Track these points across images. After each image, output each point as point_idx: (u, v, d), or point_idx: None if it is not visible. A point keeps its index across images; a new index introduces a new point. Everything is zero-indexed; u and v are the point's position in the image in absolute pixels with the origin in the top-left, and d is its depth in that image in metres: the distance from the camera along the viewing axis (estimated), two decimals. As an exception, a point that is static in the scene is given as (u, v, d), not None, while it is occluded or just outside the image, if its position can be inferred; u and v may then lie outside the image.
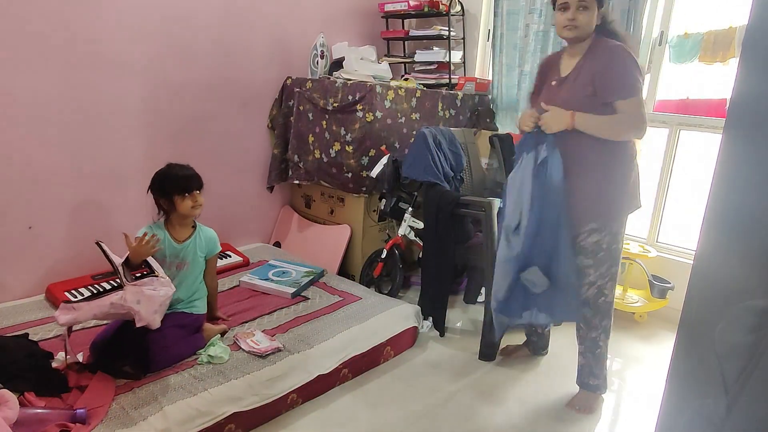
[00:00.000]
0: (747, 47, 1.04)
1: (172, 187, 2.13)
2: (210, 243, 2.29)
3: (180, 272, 2.19)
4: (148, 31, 2.77)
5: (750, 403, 1.02)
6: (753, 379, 1.01)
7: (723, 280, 1.10)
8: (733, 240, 1.08)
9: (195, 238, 2.23)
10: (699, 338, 1.15)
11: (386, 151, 3.04)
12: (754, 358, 1.00)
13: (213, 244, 2.31)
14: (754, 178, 1.03)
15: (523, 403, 2.29)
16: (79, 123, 2.61)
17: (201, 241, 2.25)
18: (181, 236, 2.21)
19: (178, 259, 2.19)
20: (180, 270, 2.20)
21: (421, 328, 2.73)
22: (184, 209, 2.14)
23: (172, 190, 2.13)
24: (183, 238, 2.21)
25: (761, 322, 1.01)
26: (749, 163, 1.04)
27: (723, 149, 1.08)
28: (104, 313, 1.84)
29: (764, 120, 1.02)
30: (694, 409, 1.15)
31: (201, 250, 2.25)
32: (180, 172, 2.17)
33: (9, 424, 1.53)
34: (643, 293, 3.14)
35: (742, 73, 1.04)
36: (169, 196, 2.13)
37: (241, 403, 1.94)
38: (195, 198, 2.17)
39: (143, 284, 1.88)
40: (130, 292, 1.83)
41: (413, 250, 3.36)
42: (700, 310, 1.16)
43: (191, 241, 2.22)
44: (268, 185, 3.55)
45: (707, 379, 1.11)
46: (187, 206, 2.14)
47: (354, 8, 3.76)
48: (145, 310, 1.84)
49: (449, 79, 3.61)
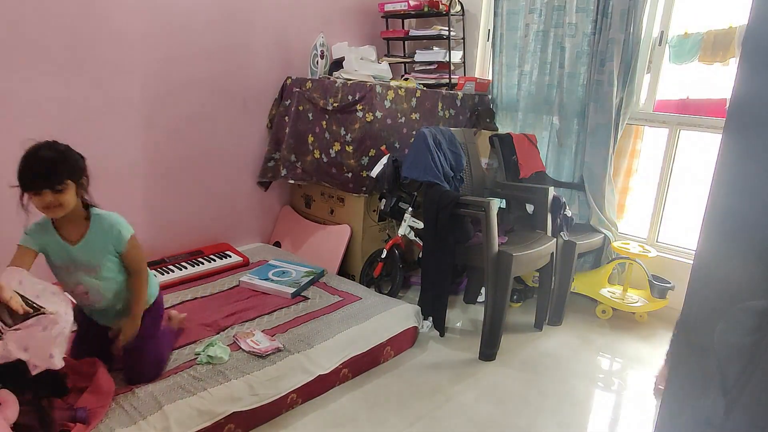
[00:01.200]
0: (747, 47, 1.04)
1: (20, 178, 1.62)
2: (115, 234, 1.77)
3: (93, 278, 1.78)
4: (148, 31, 2.77)
5: (749, 404, 1.02)
6: (753, 380, 1.01)
7: (723, 280, 1.10)
8: (733, 240, 1.08)
9: (90, 234, 1.74)
10: (699, 338, 1.15)
11: (386, 151, 3.04)
12: (754, 359, 1.00)
13: (119, 232, 1.77)
14: (754, 177, 1.03)
15: (523, 403, 2.29)
16: (79, 123, 2.61)
17: (99, 236, 1.75)
18: (73, 235, 1.73)
19: (83, 264, 1.75)
20: (92, 275, 1.77)
21: (421, 328, 2.73)
22: (38, 208, 1.65)
23: (20, 182, 1.62)
24: (76, 238, 1.73)
25: (761, 323, 1.01)
26: (749, 163, 1.04)
27: (723, 149, 1.08)
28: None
29: (764, 120, 1.01)
30: (694, 409, 1.15)
31: (105, 246, 1.76)
32: (30, 162, 1.61)
33: (9, 424, 1.53)
34: (643, 293, 3.14)
35: (741, 73, 1.04)
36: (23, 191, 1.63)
37: (241, 403, 1.94)
38: (43, 198, 1.62)
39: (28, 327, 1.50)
40: (13, 340, 1.48)
41: (413, 250, 3.36)
42: (700, 310, 1.16)
43: (90, 239, 1.74)
44: (257, 181, 3.53)
45: (707, 380, 1.11)
46: (38, 207, 1.64)
47: (354, 8, 3.76)
48: (38, 356, 1.50)
49: (449, 79, 3.61)
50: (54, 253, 1.74)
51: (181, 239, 3.15)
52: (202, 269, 2.95)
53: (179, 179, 3.07)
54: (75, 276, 1.78)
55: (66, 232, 1.74)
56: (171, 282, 2.78)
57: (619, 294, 3.14)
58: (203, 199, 3.24)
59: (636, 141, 3.35)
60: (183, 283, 2.80)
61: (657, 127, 3.21)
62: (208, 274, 2.93)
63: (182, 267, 2.93)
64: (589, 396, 2.39)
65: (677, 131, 3.13)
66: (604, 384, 2.52)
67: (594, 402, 2.37)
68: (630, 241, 3.19)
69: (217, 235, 3.35)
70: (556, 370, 2.54)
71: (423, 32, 3.66)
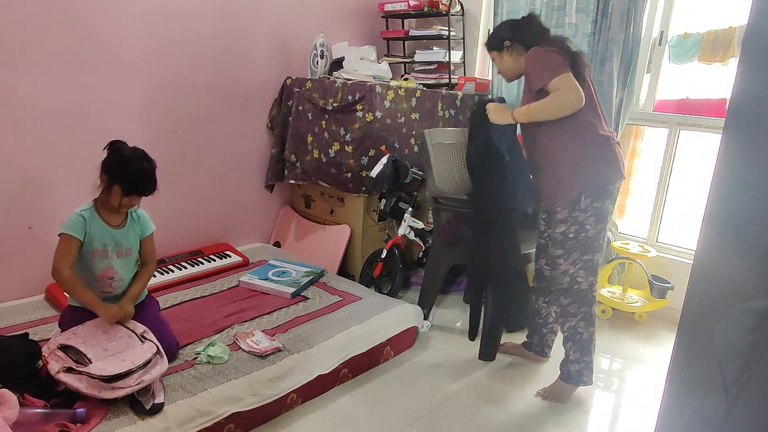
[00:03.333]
0: (747, 47, 1.04)
1: (122, 177, 1.90)
2: (145, 223, 2.12)
3: (121, 259, 2.03)
4: (149, 31, 2.77)
5: (750, 404, 1.02)
6: (753, 380, 1.01)
7: (723, 280, 1.10)
8: (733, 240, 1.08)
9: (132, 221, 2.07)
10: (699, 338, 1.15)
11: (386, 151, 3.04)
12: (754, 358, 1.00)
13: (147, 223, 2.13)
14: (754, 177, 1.03)
15: (523, 403, 2.29)
16: (79, 123, 2.61)
17: (137, 223, 2.08)
18: (116, 221, 2.02)
19: (121, 247, 2.02)
20: (121, 257, 2.03)
21: (421, 327, 2.73)
22: (115, 203, 1.93)
23: (119, 179, 1.90)
24: (118, 223, 2.02)
25: (761, 323, 1.01)
26: (749, 162, 1.04)
27: (722, 149, 1.08)
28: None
29: (764, 120, 1.01)
30: (694, 409, 1.15)
31: (137, 232, 2.08)
32: (141, 166, 1.93)
33: (9, 424, 1.53)
34: (643, 293, 3.14)
35: (741, 73, 1.04)
36: (112, 182, 1.91)
37: (241, 403, 1.94)
38: (133, 200, 1.96)
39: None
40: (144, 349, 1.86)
41: (413, 250, 3.36)
42: (700, 310, 1.16)
43: (129, 226, 2.05)
44: (266, 184, 3.55)
45: (707, 380, 1.11)
46: (119, 203, 1.93)
47: (354, 8, 3.76)
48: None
49: (449, 79, 3.60)
50: (98, 237, 1.97)
51: (181, 239, 3.15)
52: (202, 269, 2.95)
53: (179, 179, 3.07)
54: (108, 260, 2.00)
55: (110, 219, 2.01)
56: (171, 282, 2.78)
57: (618, 294, 3.14)
58: (203, 199, 3.24)
59: (636, 141, 3.35)
60: (183, 283, 2.81)
61: (657, 127, 3.21)
62: (208, 274, 2.93)
63: (182, 267, 2.93)
64: (588, 396, 2.39)
65: (677, 131, 3.13)
66: (604, 384, 2.52)
67: (594, 402, 2.37)
68: (630, 241, 3.19)
69: (216, 235, 3.35)
70: (556, 370, 2.54)
71: (423, 32, 3.65)
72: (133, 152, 1.95)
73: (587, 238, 2.17)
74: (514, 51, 2.28)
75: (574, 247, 2.19)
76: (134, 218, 2.09)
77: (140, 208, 2.12)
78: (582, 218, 2.16)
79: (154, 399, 1.80)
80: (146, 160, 1.96)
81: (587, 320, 2.25)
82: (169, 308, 2.51)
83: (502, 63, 2.34)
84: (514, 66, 2.31)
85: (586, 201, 2.14)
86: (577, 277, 2.21)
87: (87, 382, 1.73)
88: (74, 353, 1.79)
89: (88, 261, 1.98)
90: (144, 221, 2.12)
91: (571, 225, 2.17)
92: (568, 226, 2.18)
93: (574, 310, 2.25)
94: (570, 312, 2.26)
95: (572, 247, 2.19)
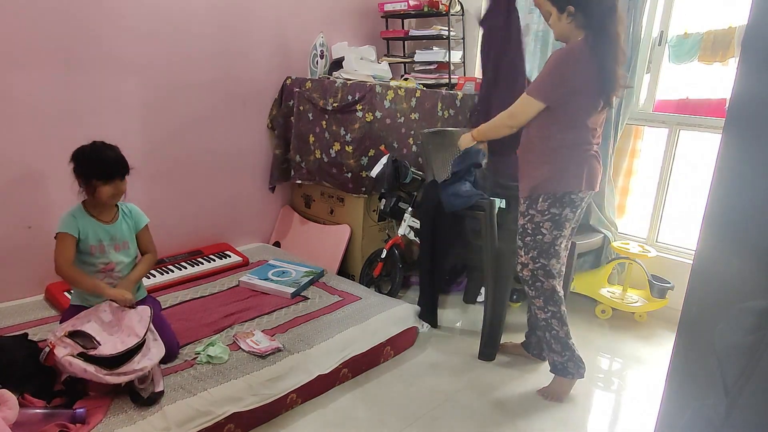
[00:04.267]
0: (746, 47, 1.04)
1: (93, 170, 1.95)
2: (137, 216, 2.17)
3: (119, 253, 2.08)
4: (149, 31, 2.77)
5: (750, 404, 1.02)
6: (753, 379, 1.01)
7: (723, 280, 1.10)
8: (733, 240, 1.08)
9: (123, 215, 2.11)
10: (699, 338, 1.15)
11: (386, 151, 3.04)
12: (754, 358, 1.00)
13: (140, 215, 2.18)
14: (754, 177, 1.03)
15: (523, 403, 2.29)
16: (79, 123, 2.60)
17: (129, 217, 2.13)
18: (107, 217, 2.07)
19: (116, 241, 2.07)
20: (119, 251, 2.08)
21: (421, 327, 2.73)
22: (104, 196, 1.97)
23: (92, 174, 1.95)
24: (109, 219, 2.07)
25: (761, 323, 1.01)
26: (749, 162, 1.04)
27: (722, 149, 1.08)
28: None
29: (764, 120, 1.01)
30: (694, 409, 1.15)
31: (130, 225, 2.13)
32: (104, 154, 1.98)
33: (9, 424, 1.53)
34: (643, 293, 3.14)
35: (741, 73, 1.04)
36: (89, 180, 1.96)
37: (241, 403, 1.94)
38: (117, 186, 1.99)
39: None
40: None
41: (413, 250, 3.36)
42: (700, 310, 1.16)
43: (121, 220, 2.10)
44: (270, 185, 3.55)
45: (707, 380, 1.11)
46: (107, 194, 1.97)
47: (354, 8, 3.76)
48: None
49: (449, 79, 3.60)
50: (92, 234, 2.01)
51: (181, 239, 3.15)
52: (202, 269, 2.95)
53: (179, 179, 3.07)
54: (106, 254, 2.04)
55: (100, 215, 2.05)
56: (171, 282, 2.78)
57: (618, 294, 3.15)
58: (203, 199, 3.24)
59: (636, 141, 3.34)
60: (183, 283, 2.81)
61: (657, 127, 3.21)
62: (207, 274, 2.93)
63: (182, 267, 2.93)
64: (588, 396, 2.39)
65: (677, 131, 3.13)
66: (604, 384, 2.52)
67: (594, 402, 2.37)
68: (630, 241, 3.19)
69: (216, 235, 3.35)
70: (556, 370, 2.54)
71: (423, 32, 3.65)
72: (92, 146, 2.00)
73: (543, 242, 2.18)
74: (574, 20, 2.02)
75: (531, 246, 2.21)
76: (125, 212, 2.13)
77: (132, 203, 2.17)
78: (538, 219, 2.17)
79: (154, 387, 1.83)
80: (107, 147, 2.01)
81: (558, 319, 2.25)
82: (169, 308, 2.51)
83: (556, 22, 2.08)
84: (563, 32, 2.08)
85: (543, 204, 2.15)
86: (538, 275, 2.23)
87: (94, 367, 1.76)
88: (82, 339, 1.82)
89: (87, 258, 2.02)
90: (136, 214, 2.16)
91: (528, 221, 2.20)
92: (526, 221, 2.21)
93: (542, 305, 2.26)
94: (538, 305, 2.27)
95: (529, 244, 2.21)
